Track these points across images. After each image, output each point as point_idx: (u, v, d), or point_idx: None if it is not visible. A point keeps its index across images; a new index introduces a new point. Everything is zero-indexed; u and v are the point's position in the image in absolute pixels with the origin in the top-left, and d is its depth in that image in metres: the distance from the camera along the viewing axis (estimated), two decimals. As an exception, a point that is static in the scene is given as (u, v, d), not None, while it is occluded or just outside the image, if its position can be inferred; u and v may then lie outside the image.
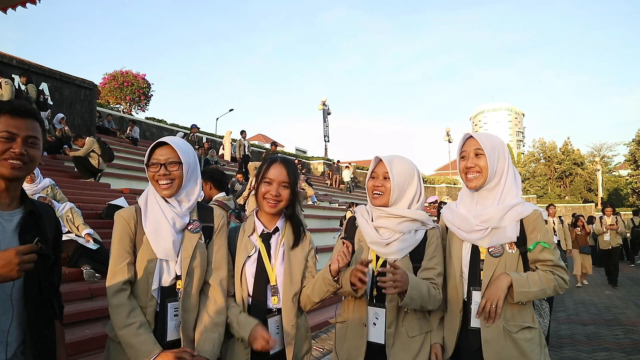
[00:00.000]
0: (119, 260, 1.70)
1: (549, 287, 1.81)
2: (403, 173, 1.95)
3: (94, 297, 4.61)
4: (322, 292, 1.84)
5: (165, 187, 1.76)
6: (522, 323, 1.81)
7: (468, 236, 1.91)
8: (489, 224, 1.86)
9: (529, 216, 1.86)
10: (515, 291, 1.76)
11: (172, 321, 1.73)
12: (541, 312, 1.99)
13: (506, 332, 1.79)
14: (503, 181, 1.90)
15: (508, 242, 1.86)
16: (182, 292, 1.74)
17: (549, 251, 1.84)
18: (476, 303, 1.86)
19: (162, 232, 1.73)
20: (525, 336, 1.79)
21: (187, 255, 1.76)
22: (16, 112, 1.47)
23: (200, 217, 1.87)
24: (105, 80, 22.79)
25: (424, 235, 1.96)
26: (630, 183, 41.16)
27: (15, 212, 1.49)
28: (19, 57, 12.24)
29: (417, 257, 1.93)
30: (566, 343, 5.48)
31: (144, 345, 1.61)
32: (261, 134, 55.90)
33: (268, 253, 1.91)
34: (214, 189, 4.50)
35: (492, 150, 1.89)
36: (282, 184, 1.90)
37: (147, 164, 1.80)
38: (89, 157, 9.20)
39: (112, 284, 1.67)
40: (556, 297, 8.53)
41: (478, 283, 1.87)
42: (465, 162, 1.93)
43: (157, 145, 1.80)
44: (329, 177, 24.49)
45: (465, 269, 1.92)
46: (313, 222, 12.12)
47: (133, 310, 1.65)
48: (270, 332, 1.83)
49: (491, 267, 1.85)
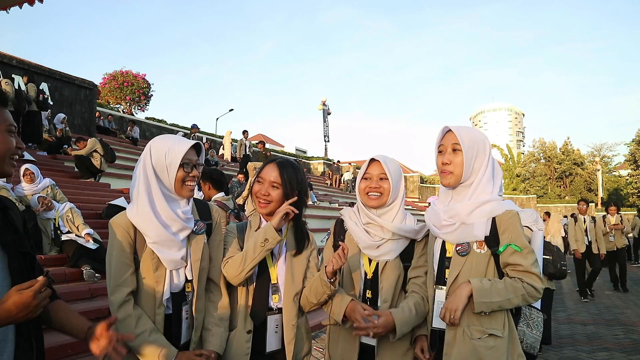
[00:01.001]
0: (121, 272, 1.64)
1: (515, 296, 1.65)
2: (396, 173, 1.96)
3: (94, 297, 4.61)
4: (318, 294, 1.83)
5: (192, 189, 1.77)
6: (486, 329, 1.68)
7: (438, 231, 1.84)
8: (456, 219, 1.78)
9: (501, 215, 1.73)
10: (476, 301, 1.64)
11: (184, 323, 1.74)
12: (529, 322, 1.86)
13: (466, 337, 1.69)
14: (479, 179, 1.78)
15: (475, 240, 1.75)
16: (195, 295, 1.75)
17: (520, 255, 1.69)
18: (439, 302, 1.79)
19: (170, 246, 1.69)
20: (486, 344, 1.66)
21: (196, 259, 1.76)
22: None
23: (200, 215, 1.86)
24: (105, 80, 22.80)
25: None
26: (630, 183, 41.14)
27: None
28: (19, 57, 12.25)
29: (407, 257, 1.95)
30: (566, 343, 5.48)
31: (159, 350, 1.60)
32: (261, 134, 55.84)
33: (271, 252, 1.90)
34: (212, 189, 4.50)
35: (470, 146, 1.77)
36: (272, 184, 1.88)
37: (181, 164, 1.70)
38: (91, 157, 9.20)
39: (116, 297, 1.61)
40: (556, 297, 8.52)
41: (443, 281, 1.81)
42: (442, 157, 1.82)
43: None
44: (329, 177, 24.49)
45: (435, 265, 1.86)
46: (313, 222, 12.13)
47: (140, 319, 1.63)
48: (268, 329, 1.84)
49: (457, 266, 1.76)
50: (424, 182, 32.29)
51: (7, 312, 1.15)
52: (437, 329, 1.81)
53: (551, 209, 29.19)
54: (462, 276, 1.74)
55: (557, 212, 17.31)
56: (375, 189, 1.93)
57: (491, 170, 1.81)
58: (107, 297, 1.68)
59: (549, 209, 25.93)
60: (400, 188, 1.98)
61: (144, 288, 1.67)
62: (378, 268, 1.94)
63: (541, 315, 1.91)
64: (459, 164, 1.77)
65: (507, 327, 1.72)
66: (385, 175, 1.92)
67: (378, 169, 1.94)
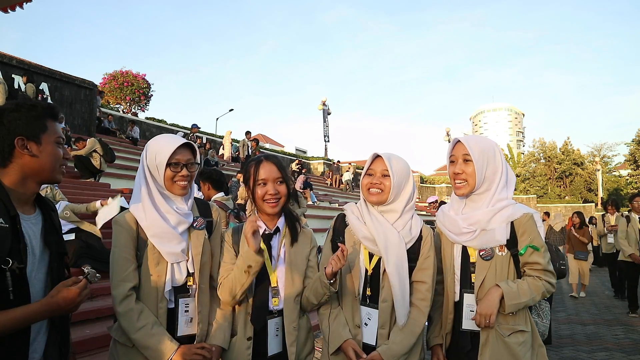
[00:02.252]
0: (123, 268, 1.69)
1: (538, 294, 1.83)
2: (401, 171, 1.93)
3: (94, 297, 4.60)
4: (318, 295, 1.82)
5: (184, 187, 1.79)
6: (514, 326, 1.82)
7: (457, 238, 1.91)
8: (476, 226, 1.86)
9: (519, 219, 1.85)
10: (507, 304, 1.78)
11: (182, 317, 1.76)
12: (540, 312, 1.98)
13: (498, 336, 1.81)
14: (494, 187, 1.88)
15: (497, 245, 1.85)
16: (197, 289, 1.78)
17: (538, 254, 1.84)
18: (468, 305, 1.88)
19: (170, 239, 1.73)
20: (517, 340, 1.80)
21: (197, 253, 1.79)
22: None
23: (201, 213, 1.89)
24: (105, 80, 22.79)
25: (419, 234, 1.94)
26: (630, 183, 41.17)
27: (37, 214, 1.51)
28: (19, 57, 12.25)
29: (412, 257, 1.91)
30: (566, 343, 5.48)
31: (161, 344, 1.63)
32: (261, 134, 55.87)
33: (270, 254, 1.90)
34: (212, 189, 4.50)
35: (480, 156, 1.86)
36: (277, 181, 1.89)
37: (168, 164, 1.75)
38: (91, 157, 9.20)
39: (118, 292, 1.66)
40: (556, 297, 8.53)
41: (469, 285, 1.89)
42: (454, 167, 1.92)
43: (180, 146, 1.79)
44: (329, 177, 24.49)
45: (457, 271, 1.93)
46: (313, 222, 12.12)
47: (142, 313, 1.66)
48: (269, 333, 1.84)
49: (483, 270, 1.86)
50: (424, 182, 32.31)
51: (56, 305, 1.32)
52: (468, 330, 1.88)
53: (551, 209, 29.19)
54: (488, 279, 1.85)
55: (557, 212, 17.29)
56: (376, 185, 1.91)
57: (505, 175, 1.90)
58: (108, 298, 1.69)
59: (549, 209, 25.95)
60: (405, 187, 1.94)
61: (146, 282, 1.71)
62: (379, 265, 1.89)
63: (548, 304, 2.04)
64: (471, 174, 1.86)
65: (529, 321, 1.88)
66: (387, 172, 1.90)
67: (381, 166, 1.92)
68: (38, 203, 1.53)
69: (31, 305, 1.31)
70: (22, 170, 1.43)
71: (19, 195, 1.43)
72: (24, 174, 1.43)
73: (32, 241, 1.41)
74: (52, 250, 1.48)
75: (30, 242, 1.40)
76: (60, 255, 1.53)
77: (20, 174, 1.43)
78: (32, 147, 1.42)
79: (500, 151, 1.95)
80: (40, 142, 1.44)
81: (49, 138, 1.46)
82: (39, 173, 1.46)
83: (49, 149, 1.46)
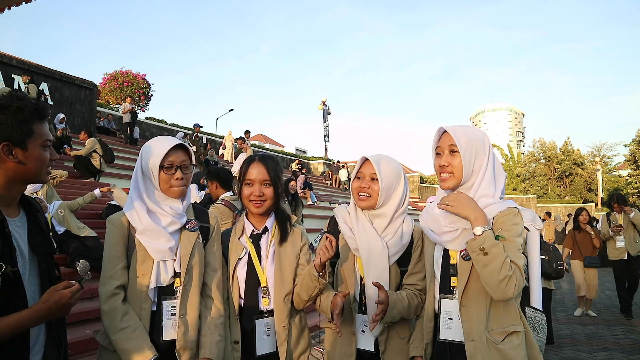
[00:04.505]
0: (111, 265, 1.67)
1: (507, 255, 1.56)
2: (391, 174, 1.86)
3: (94, 297, 4.60)
4: (309, 289, 1.79)
5: (179, 187, 1.77)
6: (507, 328, 1.62)
7: (438, 238, 1.75)
8: (458, 224, 1.69)
9: (499, 213, 1.65)
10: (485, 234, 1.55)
11: (168, 320, 1.70)
12: (535, 325, 1.87)
13: (490, 343, 1.59)
14: (479, 181, 1.69)
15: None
16: (182, 290, 1.72)
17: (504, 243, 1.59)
18: (446, 312, 1.71)
19: (157, 237, 1.71)
20: (512, 344, 1.60)
21: (185, 253, 1.75)
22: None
23: (197, 217, 1.86)
24: (105, 80, 22.79)
25: (410, 239, 1.91)
26: (630, 183, 41.14)
27: (22, 216, 1.48)
28: (19, 57, 12.26)
29: (404, 262, 1.89)
30: (566, 343, 5.48)
31: (138, 349, 1.57)
32: (261, 134, 55.85)
33: (258, 254, 1.89)
34: (220, 188, 4.46)
35: (468, 147, 1.67)
36: (263, 183, 1.88)
37: (161, 166, 1.74)
38: (91, 157, 9.21)
39: (105, 289, 1.65)
40: (556, 297, 8.52)
41: (448, 290, 1.72)
42: (440, 159, 1.73)
43: (173, 148, 1.77)
44: (329, 177, 24.47)
45: (438, 273, 1.77)
46: (313, 222, 12.15)
47: (126, 314, 1.63)
48: (258, 334, 1.82)
49: (465, 271, 1.66)
50: (424, 182, 32.27)
51: (48, 310, 1.30)
52: (445, 341, 1.71)
53: (551, 209, 29.16)
54: (472, 280, 1.65)
55: (557, 213, 17.24)
56: (365, 189, 1.87)
57: (492, 170, 1.71)
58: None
59: (549, 209, 25.92)
60: (395, 190, 1.88)
61: (133, 282, 1.68)
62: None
63: (544, 317, 1.92)
64: (457, 166, 1.68)
65: (522, 318, 1.69)
66: (375, 175, 1.85)
67: (370, 169, 1.87)
68: (22, 204, 1.50)
69: (24, 312, 1.29)
70: (7, 175, 1.39)
71: (4, 198, 1.40)
72: (9, 178, 1.40)
73: (19, 244, 1.39)
74: (39, 250, 1.46)
75: (19, 245, 1.38)
76: (49, 255, 1.51)
77: (5, 178, 1.39)
78: (18, 153, 1.38)
79: (490, 143, 1.77)
80: (26, 147, 1.39)
81: (36, 142, 1.41)
82: (24, 177, 1.43)
83: (35, 153, 1.41)
